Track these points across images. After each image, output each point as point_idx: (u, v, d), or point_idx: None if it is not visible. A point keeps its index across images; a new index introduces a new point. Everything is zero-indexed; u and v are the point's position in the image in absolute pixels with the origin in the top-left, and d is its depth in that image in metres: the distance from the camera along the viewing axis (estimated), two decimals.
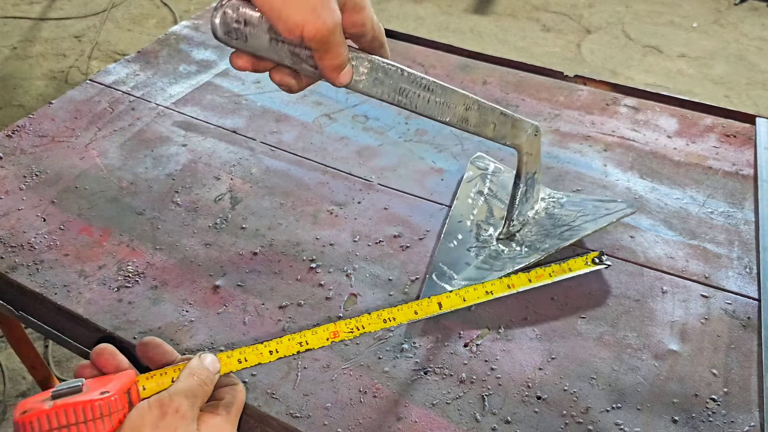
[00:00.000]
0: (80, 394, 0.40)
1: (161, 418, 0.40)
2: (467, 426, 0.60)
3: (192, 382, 0.44)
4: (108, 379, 0.43)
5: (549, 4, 3.22)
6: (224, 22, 0.42)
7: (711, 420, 0.61)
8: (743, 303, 0.72)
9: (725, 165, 0.92)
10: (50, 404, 0.39)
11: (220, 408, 0.45)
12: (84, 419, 0.39)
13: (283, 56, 0.46)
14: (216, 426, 0.43)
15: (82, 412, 0.39)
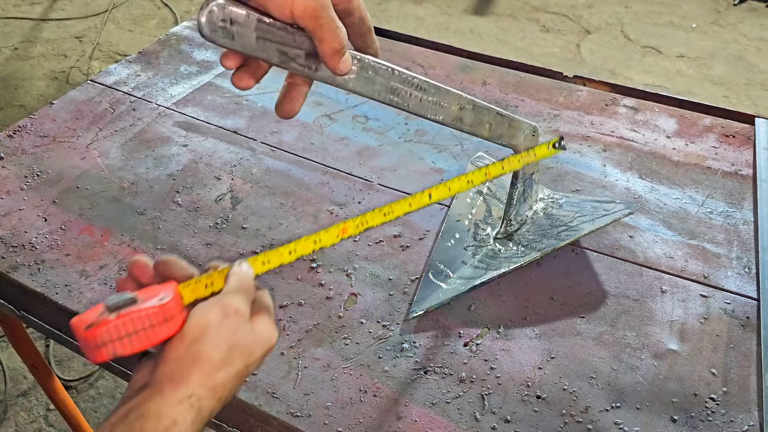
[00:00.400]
0: (136, 304, 0.42)
1: (223, 318, 0.43)
2: (467, 425, 0.61)
3: (242, 286, 0.46)
4: (154, 290, 0.44)
5: (548, 5, 3.22)
6: (210, 21, 0.43)
7: (710, 419, 0.61)
8: (742, 303, 0.72)
9: (724, 165, 0.92)
10: (113, 315, 0.40)
11: (263, 309, 0.48)
12: (149, 325, 0.41)
13: (271, 55, 0.47)
14: (265, 323, 0.46)
15: (147, 319, 0.41)
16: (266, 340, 0.45)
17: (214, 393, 0.41)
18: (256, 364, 0.45)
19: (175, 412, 0.39)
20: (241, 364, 0.43)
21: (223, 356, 0.42)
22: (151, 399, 0.39)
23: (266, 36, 0.45)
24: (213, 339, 0.42)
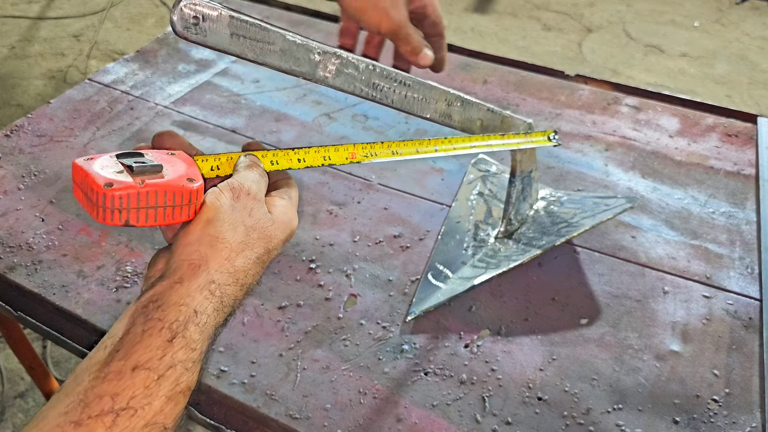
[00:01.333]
0: (161, 175, 0.40)
1: (236, 200, 0.42)
2: (468, 427, 0.60)
3: (254, 170, 0.45)
4: (169, 159, 0.42)
5: (550, 3, 3.22)
6: (182, 18, 0.43)
7: (712, 421, 0.60)
8: (745, 303, 0.71)
9: (727, 165, 0.91)
10: (138, 181, 0.38)
11: (282, 193, 0.47)
12: (173, 204, 0.39)
13: (245, 50, 0.47)
14: (283, 207, 0.45)
15: (173, 197, 0.39)
16: (285, 224, 0.44)
17: (236, 279, 0.40)
18: (276, 250, 0.43)
19: (195, 301, 0.37)
20: (261, 249, 0.42)
21: (240, 239, 0.40)
22: (170, 289, 0.37)
23: (240, 32, 0.46)
24: (228, 222, 0.40)
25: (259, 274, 0.43)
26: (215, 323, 0.39)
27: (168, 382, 0.35)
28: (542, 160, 0.92)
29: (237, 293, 0.40)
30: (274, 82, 1.09)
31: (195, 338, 0.37)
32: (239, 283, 0.40)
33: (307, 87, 1.07)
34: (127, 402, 0.33)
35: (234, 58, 1.12)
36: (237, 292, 0.40)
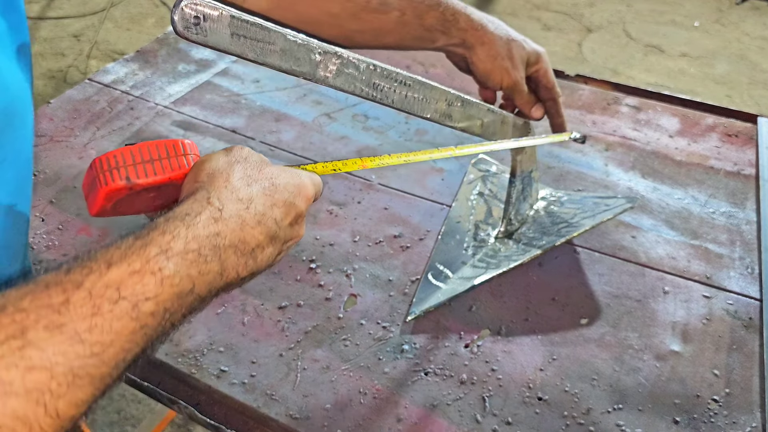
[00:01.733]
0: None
1: (228, 151, 0.43)
2: (468, 427, 0.60)
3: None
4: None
5: (550, 3, 3.22)
6: (183, 18, 0.43)
7: (713, 421, 0.60)
8: (745, 303, 0.71)
9: (727, 165, 0.91)
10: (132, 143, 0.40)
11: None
12: (167, 155, 0.40)
13: (246, 50, 0.47)
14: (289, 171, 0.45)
15: (165, 149, 0.40)
16: (292, 176, 0.44)
17: (238, 200, 0.39)
18: (284, 202, 0.42)
19: (195, 207, 0.37)
20: (266, 198, 0.41)
21: (241, 177, 0.40)
22: (173, 210, 0.37)
23: (240, 32, 0.46)
24: (223, 165, 0.41)
25: (267, 216, 0.40)
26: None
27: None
28: (542, 160, 0.92)
29: (240, 215, 0.39)
30: (274, 82, 1.09)
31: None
32: (243, 206, 0.39)
33: (307, 87, 1.07)
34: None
35: (234, 58, 1.12)
36: (239, 212, 0.39)
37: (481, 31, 0.65)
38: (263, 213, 0.40)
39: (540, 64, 0.68)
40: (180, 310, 0.35)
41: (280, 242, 0.42)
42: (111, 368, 0.32)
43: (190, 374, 0.65)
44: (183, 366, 0.65)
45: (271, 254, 0.41)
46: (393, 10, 0.63)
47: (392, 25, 0.64)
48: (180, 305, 0.35)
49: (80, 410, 0.30)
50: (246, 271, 0.39)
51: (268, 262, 0.41)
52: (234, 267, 0.38)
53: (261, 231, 0.40)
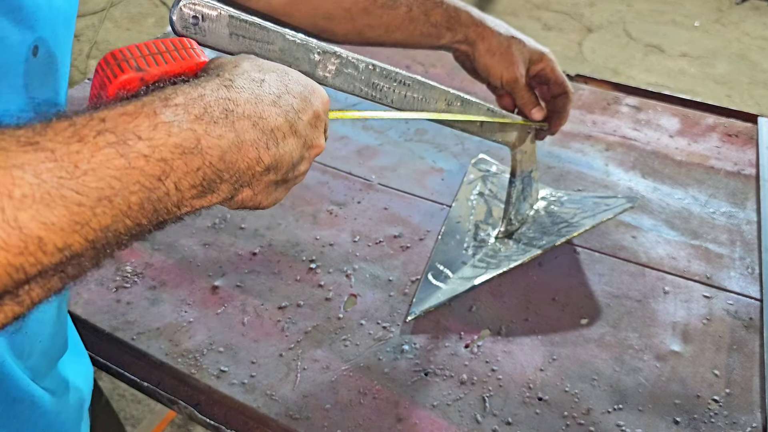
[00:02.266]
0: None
1: (243, 62, 0.39)
2: (468, 427, 0.60)
3: None
4: None
5: (550, 3, 3.22)
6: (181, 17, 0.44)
7: (713, 421, 0.60)
8: (745, 303, 0.71)
9: (727, 165, 0.91)
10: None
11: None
12: (171, 48, 0.38)
13: (243, 50, 0.47)
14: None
15: (169, 43, 0.38)
16: (303, 76, 0.41)
17: (251, 79, 0.36)
18: (299, 94, 0.38)
19: (202, 80, 0.35)
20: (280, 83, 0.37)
21: (252, 64, 0.37)
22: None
23: (239, 32, 0.46)
24: (232, 58, 0.38)
25: (276, 102, 0.36)
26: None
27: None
28: (543, 160, 0.92)
29: (249, 91, 0.35)
30: None
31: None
32: (255, 85, 0.36)
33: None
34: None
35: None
36: (249, 88, 0.35)
37: (481, 27, 0.67)
38: (278, 95, 0.37)
39: (544, 62, 0.69)
40: (186, 173, 0.31)
41: (302, 139, 0.38)
42: (93, 203, 0.27)
43: (189, 374, 0.65)
44: (183, 366, 0.65)
45: (294, 150, 0.37)
46: (401, 6, 0.65)
47: (400, 20, 0.66)
48: (184, 165, 0.30)
49: (51, 235, 0.26)
50: (268, 156, 0.35)
51: (291, 159, 0.37)
52: (254, 144, 0.34)
53: (279, 113, 0.36)
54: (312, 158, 0.41)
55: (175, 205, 0.31)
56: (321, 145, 0.41)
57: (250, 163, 0.34)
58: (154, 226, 0.31)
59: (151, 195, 0.29)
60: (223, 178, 0.33)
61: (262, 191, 0.37)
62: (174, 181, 0.30)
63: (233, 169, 0.33)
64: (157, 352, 0.67)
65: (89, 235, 0.28)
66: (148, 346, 0.67)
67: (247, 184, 0.35)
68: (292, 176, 0.39)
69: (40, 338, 0.46)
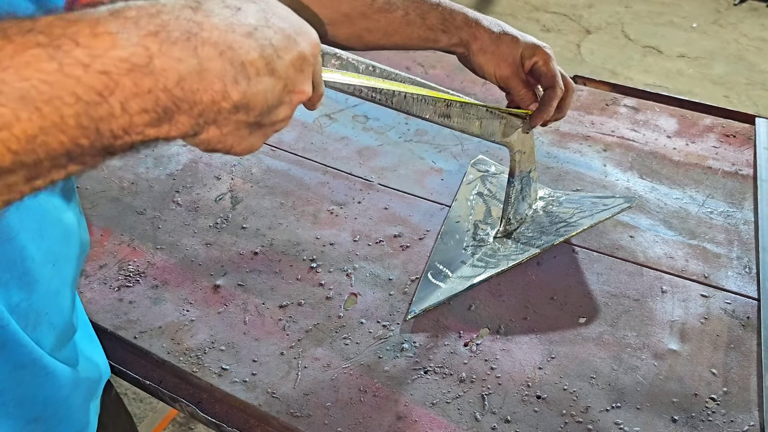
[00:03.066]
0: None
1: None
2: (467, 425, 0.61)
3: None
4: None
5: (549, 5, 3.22)
6: None
7: (710, 419, 0.61)
8: (743, 303, 0.72)
9: (725, 165, 0.92)
10: None
11: None
12: None
13: None
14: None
15: None
16: (292, 13, 0.36)
17: (223, 4, 0.31)
18: (281, 30, 0.33)
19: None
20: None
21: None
22: None
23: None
24: None
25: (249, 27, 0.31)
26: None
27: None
28: (541, 160, 0.92)
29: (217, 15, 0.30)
30: None
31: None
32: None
33: None
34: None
35: None
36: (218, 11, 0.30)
37: (474, 27, 0.67)
38: (255, 26, 0.32)
39: (537, 56, 0.67)
40: (135, 93, 0.27)
41: (281, 81, 0.33)
42: (15, 104, 0.25)
43: (191, 373, 0.65)
44: (185, 364, 0.66)
45: (270, 91, 0.33)
46: (397, 9, 0.66)
47: (398, 23, 0.67)
48: (133, 84, 0.27)
49: None
50: (237, 92, 0.31)
51: (266, 101, 0.33)
52: (219, 75, 0.30)
53: (253, 46, 0.31)
54: (295, 104, 0.36)
55: (123, 130, 0.28)
56: (305, 91, 0.36)
57: (214, 97, 0.30)
58: (100, 151, 0.28)
59: (90, 111, 0.26)
60: (182, 108, 0.29)
61: (232, 133, 0.33)
62: (120, 100, 0.27)
63: (194, 99, 0.29)
64: (159, 351, 0.67)
65: (11, 143, 0.25)
66: (150, 344, 0.68)
67: (212, 121, 0.31)
68: (269, 121, 0.35)
69: (46, 310, 0.47)
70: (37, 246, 0.44)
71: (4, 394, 0.44)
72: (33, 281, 0.44)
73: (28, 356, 0.45)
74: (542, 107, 0.69)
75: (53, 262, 0.46)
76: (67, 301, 0.50)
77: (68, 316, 0.51)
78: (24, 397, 0.46)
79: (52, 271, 0.46)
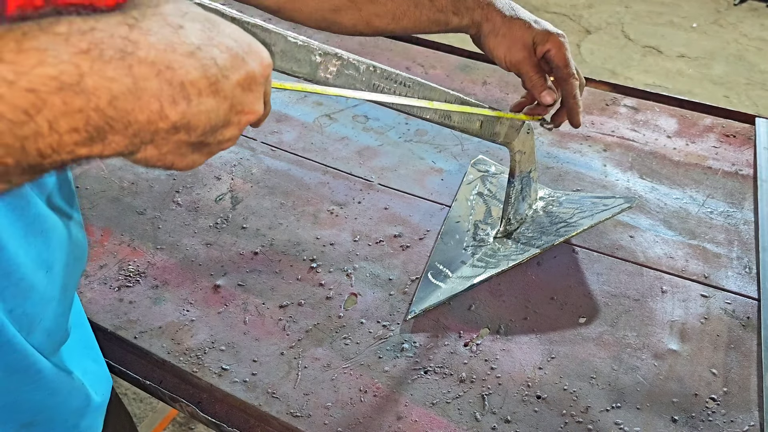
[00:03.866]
0: None
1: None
2: (467, 425, 0.61)
3: None
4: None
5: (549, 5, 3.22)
6: None
7: (710, 419, 0.61)
8: (743, 303, 0.72)
9: (725, 165, 0.92)
10: None
11: None
12: None
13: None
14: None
15: None
16: (241, 31, 0.34)
17: (165, 22, 0.30)
18: (228, 49, 0.32)
19: (103, 17, 0.29)
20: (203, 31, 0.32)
21: (175, 9, 0.31)
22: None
23: None
24: (156, 2, 0.31)
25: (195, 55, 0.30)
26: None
27: None
28: (541, 160, 0.92)
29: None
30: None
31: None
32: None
33: None
34: None
35: None
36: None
37: (487, 9, 0.66)
38: (198, 46, 0.31)
39: (550, 43, 0.65)
40: (63, 113, 0.26)
41: (227, 102, 0.32)
42: None
43: (191, 373, 0.65)
44: (185, 364, 0.66)
45: (214, 112, 0.32)
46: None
47: (406, 6, 0.66)
48: (62, 103, 0.26)
49: None
50: (176, 113, 0.30)
51: (209, 121, 0.32)
52: (156, 96, 0.29)
53: (195, 66, 0.30)
54: (244, 125, 0.35)
55: (52, 149, 0.27)
56: (255, 111, 0.35)
57: (150, 117, 0.29)
58: (27, 170, 0.27)
59: (16, 130, 0.25)
60: (115, 127, 0.28)
61: (172, 151, 0.32)
62: (48, 118, 0.26)
63: (128, 119, 0.28)
64: (159, 351, 0.67)
65: None
66: (151, 344, 0.68)
67: (149, 140, 0.30)
68: (214, 140, 0.34)
69: (41, 316, 0.46)
70: (25, 252, 0.44)
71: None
72: (28, 288, 0.44)
73: (22, 361, 0.45)
74: (568, 102, 0.69)
75: (46, 269, 0.46)
76: (61, 308, 0.50)
77: (63, 322, 0.51)
78: (17, 401, 0.46)
79: (46, 277, 0.46)
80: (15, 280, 0.43)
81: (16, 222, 0.43)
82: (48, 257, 0.46)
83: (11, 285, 0.43)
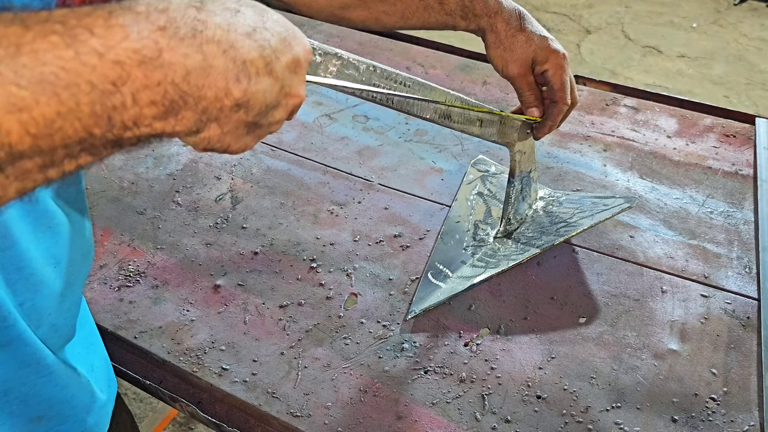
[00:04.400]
0: None
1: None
2: (467, 425, 0.61)
3: None
4: None
5: (549, 5, 3.22)
6: None
7: (711, 419, 0.61)
8: (743, 303, 0.72)
9: (725, 165, 0.92)
10: None
11: None
12: None
13: None
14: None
15: None
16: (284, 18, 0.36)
17: (224, 7, 0.32)
18: (277, 33, 0.34)
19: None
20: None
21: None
22: None
23: None
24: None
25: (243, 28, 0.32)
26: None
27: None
28: (541, 160, 0.92)
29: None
30: None
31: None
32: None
33: (307, 88, 1.07)
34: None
35: None
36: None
37: (494, 18, 0.66)
38: (254, 27, 0.33)
39: (549, 64, 0.66)
40: (145, 85, 0.28)
41: (279, 83, 0.34)
42: (35, 87, 0.25)
43: (191, 373, 0.65)
44: (185, 364, 0.66)
45: (269, 91, 0.34)
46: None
47: (415, 8, 0.67)
48: (144, 76, 0.28)
49: None
50: (239, 89, 0.32)
51: (265, 100, 0.34)
52: (222, 73, 0.31)
53: (253, 46, 0.32)
54: (290, 108, 0.37)
55: (133, 121, 0.29)
56: (300, 95, 0.37)
57: (218, 93, 0.31)
58: (110, 142, 0.29)
59: (104, 99, 0.27)
60: (188, 102, 0.30)
61: (231, 131, 0.34)
62: (131, 90, 0.28)
63: (198, 94, 0.30)
64: (159, 351, 0.67)
65: (30, 126, 0.25)
66: (151, 344, 0.68)
67: (214, 118, 0.32)
68: (266, 122, 0.36)
69: (49, 311, 0.47)
70: (35, 247, 0.44)
71: (9, 392, 0.45)
72: (39, 282, 0.45)
73: (33, 355, 0.45)
74: (545, 121, 0.70)
75: (54, 264, 0.47)
76: (68, 303, 0.50)
77: (70, 319, 0.51)
78: (28, 395, 0.46)
79: (54, 272, 0.47)
80: (26, 275, 0.44)
81: (26, 217, 0.44)
82: (56, 252, 0.47)
83: (22, 279, 0.44)
